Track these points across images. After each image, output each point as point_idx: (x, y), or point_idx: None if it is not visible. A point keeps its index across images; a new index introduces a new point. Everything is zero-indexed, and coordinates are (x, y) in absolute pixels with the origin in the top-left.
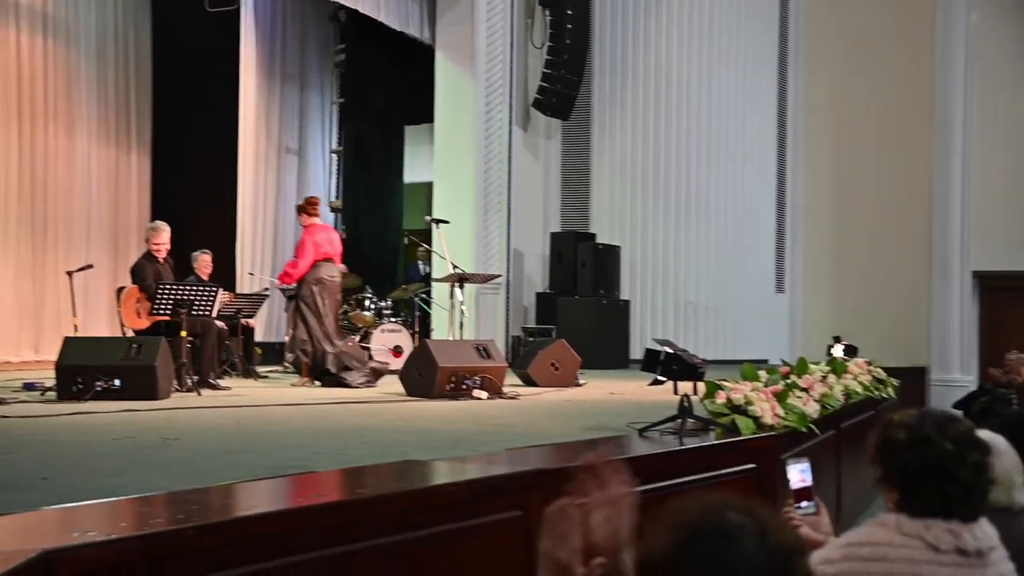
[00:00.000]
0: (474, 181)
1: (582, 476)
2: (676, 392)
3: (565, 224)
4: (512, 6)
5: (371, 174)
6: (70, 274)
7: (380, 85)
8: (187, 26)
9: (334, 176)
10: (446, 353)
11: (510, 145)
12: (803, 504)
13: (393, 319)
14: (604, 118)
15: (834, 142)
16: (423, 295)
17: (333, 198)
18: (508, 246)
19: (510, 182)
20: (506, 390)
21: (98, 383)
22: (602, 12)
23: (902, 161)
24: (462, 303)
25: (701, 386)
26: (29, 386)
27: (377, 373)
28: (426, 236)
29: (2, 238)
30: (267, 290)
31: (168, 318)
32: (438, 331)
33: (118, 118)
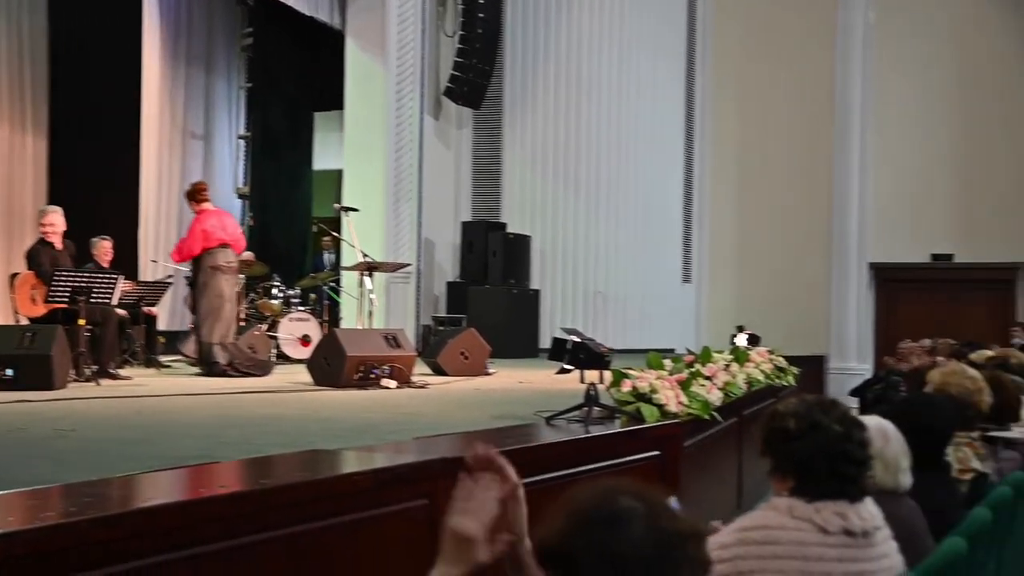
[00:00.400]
0: (384, 169)
1: (471, 470)
2: (583, 381)
3: (476, 213)
4: None
5: (279, 160)
6: None
7: (289, 70)
8: (86, 5)
9: (241, 162)
10: (355, 342)
11: (421, 133)
12: None
13: (301, 308)
14: (515, 108)
15: (740, 135)
16: (332, 284)
17: (240, 184)
18: (419, 235)
19: (421, 171)
20: (415, 379)
21: None
22: (514, 1)
23: (804, 155)
24: (371, 292)
25: (607, 374)
26: None
27: (264, 367)
28: (336, 224)
29: None
30: (170, 277)
31: (65, 305)
32: (347, 320)
33: (11, 99)
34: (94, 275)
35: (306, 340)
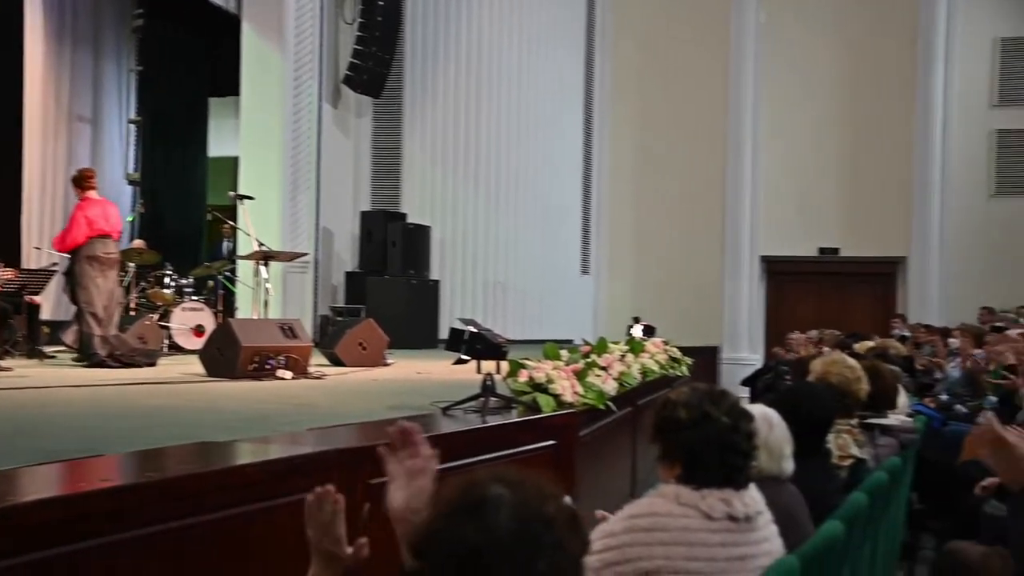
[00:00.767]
0: (282, 157)
1: (392, 443)
2: (479, 371)
3: (376, 203)
4: None
5: (172, 146)
6: None
7: (183, 54)
8: None
9: (132, 147)
10: (250, 332)
11: (320, 122)
12: None
13: (195, 297)
14: (416, 97)
15: (637, 130)
16: (227, 273)
17: (131, 170)
18: (317, 224)
19: (319, 159)
20: (312, 370)
21: None
22: None
23: (699, 151)
24: (267, 281)
25: (504, 365)
26: None
27: (150, 357)
28: (232, 212)
29: None
30: (55, 265)
31: None
32: (243, 310)
33: None
34: None
35: (199, 330)
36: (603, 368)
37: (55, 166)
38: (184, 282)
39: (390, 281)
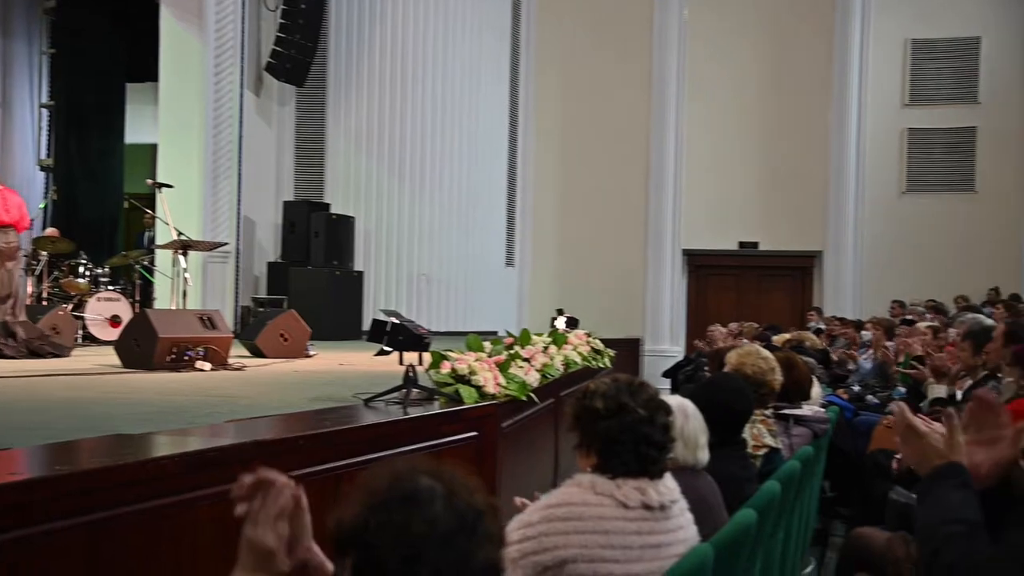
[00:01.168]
0: (202, 145)
1: (241, 499)
2: (402, 362)
3: (299, 193)
4: None
5: (88, 132)
6: None
7: (98, 38)
8: None
9: (44, 132)
10: (167, 323)
11: (241, 110)
12: None
13: (111, 287)
14: (340, 86)
15: (562, 122)
16: (145, 263)
17: (43, 156)
18: (238, 214)
19: (241, 148)
20: (232, 361)
21: None
22: None
23: (623, 145)
24: (186, 271)
25: (427, 356)
26: None
27: (60, 348)
28: (151, 201)
29: None
30: None
31: None
32: (161, 301)
33: None
34: None
35: (116, 321)
36: (526, 360)
37: None
38: (100, 271)
39: (313, 272)
